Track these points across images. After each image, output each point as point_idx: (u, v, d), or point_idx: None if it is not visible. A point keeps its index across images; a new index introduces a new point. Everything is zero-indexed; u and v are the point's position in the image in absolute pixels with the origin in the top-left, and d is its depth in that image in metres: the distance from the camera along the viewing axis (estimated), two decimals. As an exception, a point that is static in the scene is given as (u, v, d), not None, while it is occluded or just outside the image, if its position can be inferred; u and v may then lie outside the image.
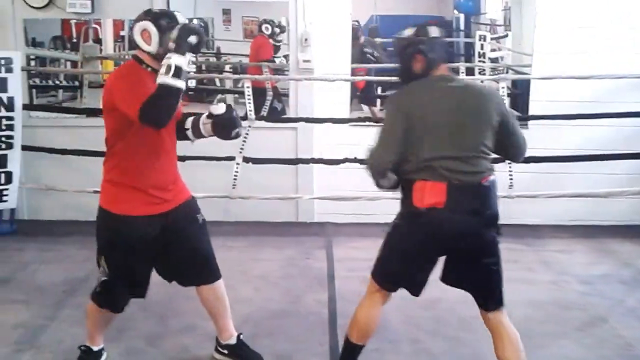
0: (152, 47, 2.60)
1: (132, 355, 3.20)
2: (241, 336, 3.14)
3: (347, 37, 5.33)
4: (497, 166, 4.55)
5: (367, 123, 5.03)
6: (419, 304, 3.77)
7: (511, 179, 4.71)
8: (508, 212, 5.04)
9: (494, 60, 7.26)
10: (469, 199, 2.56)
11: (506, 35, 7.44)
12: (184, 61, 2.42)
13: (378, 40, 8.18)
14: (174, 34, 2.47)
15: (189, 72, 2.51)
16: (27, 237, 4.95)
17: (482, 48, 7.17)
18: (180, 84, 2.42)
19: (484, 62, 7.12)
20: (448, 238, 2.61)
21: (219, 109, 2.74)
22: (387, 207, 4.96)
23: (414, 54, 2.61)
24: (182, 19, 2.62)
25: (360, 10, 7.77)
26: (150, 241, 2.76)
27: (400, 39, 2.69)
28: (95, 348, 3.05)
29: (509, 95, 4.86)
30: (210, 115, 2.76)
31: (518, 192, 4.76)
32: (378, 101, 7.63)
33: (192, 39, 2.47)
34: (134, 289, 2.89)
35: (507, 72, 6.73)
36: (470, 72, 7.06)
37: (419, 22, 2.76)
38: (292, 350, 3.27)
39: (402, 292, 3.90)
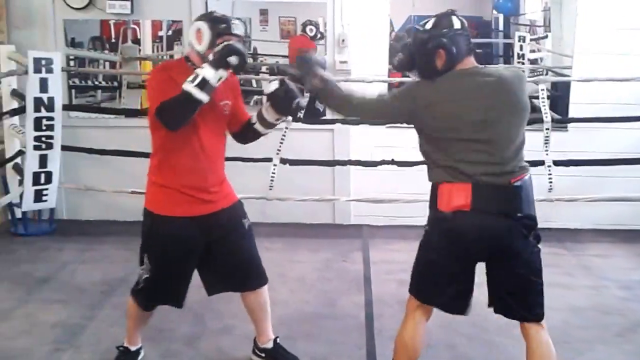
0: (202, 47, 2.63)
1: (170, 356, 3.23)
2: (277, 339, 3.15)
3: (385, 38, 5.32)
4: (536, 169, 4.59)
5: (404, 125, 4.99)
6: (457, 309, 3.77)
7: (551, 182, 4.64)
8: (547, 215, 5.06)
9: (533, 61, 7.16)
10: (497, 201, 2.41)
11: (546, 36, 7.34)
12: (214, 75, 2.47)
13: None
14: (218, 47, 2.51)
15: (213, 87, 2.51)
16: (66, 236, 5.03)
17: (521, 49, 7.09)
18: (201, 95, 2.46)
19: (523, 63, 7.03)
20: (476, 244, 2.47)
21: (272, 86, 2.72)
22: (424, 209, 4.98)
23: (436, 49, 2.43)
24: (237, 30, 2.66)
25: (398, 11, 7.73)
26: (191, 243, 2.77)
27: (420, 32, 2.51)
28: (132, 348, 3.09)
29: (548, 97, 4.78)
30: (268, 97, 2.78)
31: (558, 195, 4.69)
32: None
33: (232, 59, 2.48)
34: (170, 294, 2.90)
35: (546, 74, 6.63)
36: (509, 73, 6.98)
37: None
38: (328, 353, 3.28)
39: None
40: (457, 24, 2.48)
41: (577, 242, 4.94)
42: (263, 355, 3.14)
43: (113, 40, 6.67)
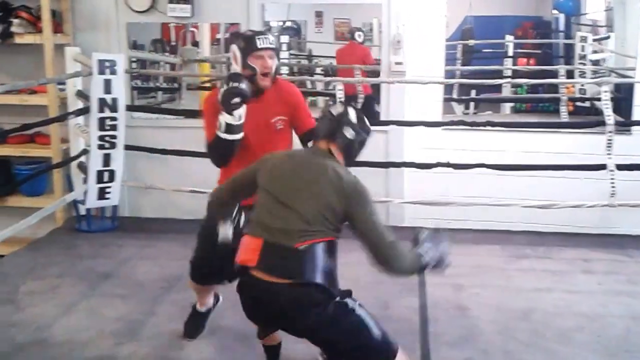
0: (238, 68, 2.87)
1: (225, 351, 3.29)
2: None
3: (441, 39, 5.27)
4: (598, 173, 4.46)
5: (460, 127, 4.94)
6: (514, 315, 3.71)
7: (613, 187, 4.49)
8: (610, 221, 4.92)
9: (595, 62, 6.96)
10: (280, 262, 2.31)
11: (608, 37, 7.12)
12: (231, 119, 2.76)
13: (472, 41, 8.02)
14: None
15: (240, 125, 2.80)
16: (127, 233, 5.15)
17: (583, 50, 6.90)
18: (233, 137, 2.78)
19: (584, 64, 6.84)
20: (256, 305, 2.40)
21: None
22: (479, 213, 4.93)
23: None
24: (264, 43, 2.86)
25: (455, 11, 7.64)
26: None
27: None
28: (202, 309, 3.42)
29: (611, 99, 4.64)
30: None
31: (620, 200, 4.54)
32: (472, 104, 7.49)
33: (236, 101, 2.75)
34: (210, 273, 3.16)
35: (609, 75, 6.44)
36: (570, 74, 6.81)
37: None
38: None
39: (498, 301, 3.86)
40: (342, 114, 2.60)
41: (640, 248, 4.77)
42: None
43: (173, 43, 6.82)
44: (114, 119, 4.77)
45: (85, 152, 5.09)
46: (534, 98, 7.34)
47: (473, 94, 7.50)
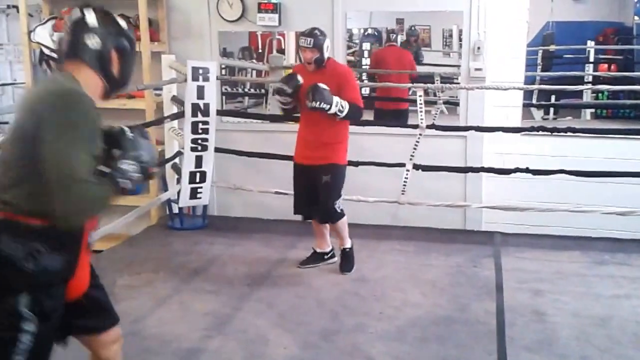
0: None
1: (308, 348, 3.36)
2: None
3: (522, 45, 5.18)
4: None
5: (540, 132, 4.84)
6: (592, 321, 3.63)
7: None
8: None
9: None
10: None
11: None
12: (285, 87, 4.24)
13: (552, 47, 7.80)
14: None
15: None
16: (217, 231, 5.30)
17: (665, 56, 6.58)
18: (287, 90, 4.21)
19: (667, 70, 6.53)
20: None
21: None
22: (559, 218, 4.82)
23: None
24: (303, 43, 4.18)
25: (536, 17, 7.45)
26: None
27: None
28: (318, 249, 4.52)
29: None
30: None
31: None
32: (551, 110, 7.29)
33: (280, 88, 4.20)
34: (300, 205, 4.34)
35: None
36: (654, 81, 6.52)
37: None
38: (459, 357, 3.27)
39: (576, 307, 3.77)
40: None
41: None
42: None
43: (260, 51, 6.99)
44: (205, 123, 4.90)
45: (179, 154, 5.29)
46: (614, 104, 7.06)
47: (553, 99, 7.30)
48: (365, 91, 6.24)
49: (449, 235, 5.12)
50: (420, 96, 4.83)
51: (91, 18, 1.97)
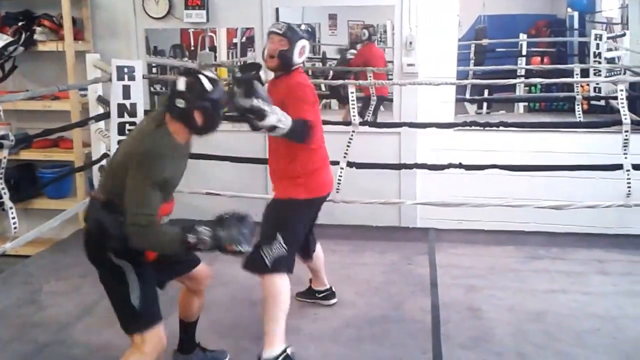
0: None
1: (239, 353, 3.24)
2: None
3: (454, 39, 5.16)
4: (614, 173, 4.32)
5: (472, 128, 4.84)
6: (527, 316, 3.62)
7: (629, 187, 4.35)
8: (625, 221, 4.78)
9: (610, 60, 6.81)
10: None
11: (624, 34, 6.97)
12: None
13: (485, 41, 7.90)
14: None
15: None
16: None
17: (597, 48, 6.75)
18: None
19: (599, 62, 6.69)
20: None
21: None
22: (493, 213, 4.82)
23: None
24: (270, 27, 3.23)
25: (468, 11, 7.53)
26: None
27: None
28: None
29: (627, 98, 4.49)
30: None
31: (637, 200, 4.39)
32: (484, 104, 7.38)
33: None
34: None
35: (624, 73, 6.28)
36: (584, 73, 6.65)
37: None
38: (394, 357, 3.21)
39: (511, 303, 3.77)
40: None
41: (657, 249, 4.62)
42: None
43: (192, 48, 6.81)
44: (133, 123, 4.72)
45: (106, 155, 5.09)
46: (548, 97, 7.20)
47: (486, 93, 7.39)
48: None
49: (384, 233, 5.06)
50: (352, 93, 4.74)
51: (181, 84, 2.49)
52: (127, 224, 2.39)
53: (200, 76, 2.49)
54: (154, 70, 6.05)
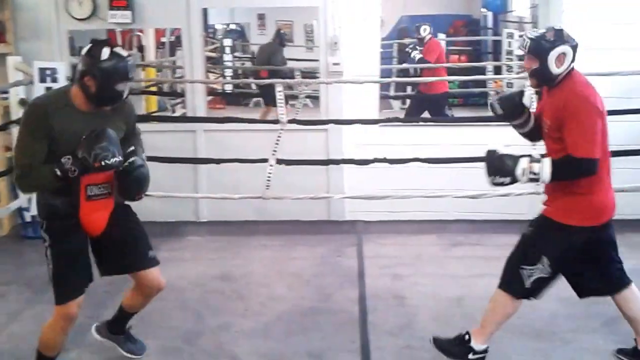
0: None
1: (169, 352, 3.18)
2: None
3: (376, 39, 5.22)
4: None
5: (395, 123, 4.92)
6: (449, 301, 3.71)
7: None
8: (536, 207, 4.91)
9: (521, 57, 7.04)
10: None
11: (534, 33, 7.21)
12: None
13: (407, 40, 8.04)
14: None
15: None
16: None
17: (509, 46, 6.99)
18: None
19: (511, 59, 6.93)
20: None
21: None
22: (416, 204, 4.93)
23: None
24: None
25: (390, 11, 7.64)
26: None
27: None
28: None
29: (536, 92, 4.66)
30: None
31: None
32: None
33: None
34: None
35: (534, 69, 6.52)
36: (497, 70, 6.88)
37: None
38: (324, 348, 3.22)
39: (434, 289, 3.86)
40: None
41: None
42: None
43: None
44: (56, 126, 4.57)
45: (29, 159, 4.87)
46: (464, 93, 7.40)
47: (409, 90, 7.52)
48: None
49: (314, 227, 5.08)
50: (279, 91, 4.73)
51: (84, 50, 2.52)
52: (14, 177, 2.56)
53: (105, 47, 2.48)
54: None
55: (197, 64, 5.10)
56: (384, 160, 4.64)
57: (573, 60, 2.76)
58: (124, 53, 2.52)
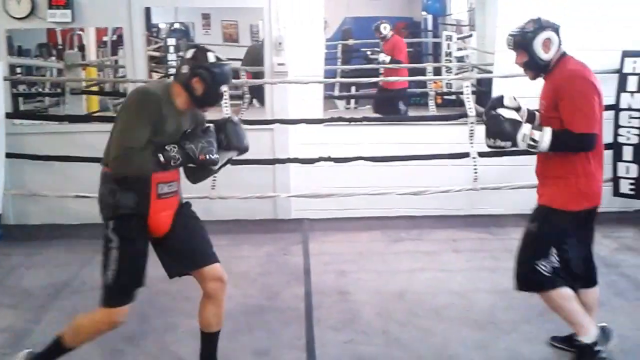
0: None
1: (113, 355, 3.11)
2: None
3: (320, 40, 5.24)
4: (463, 161, 4.61)
5: (339, 123, 4.95)
6: (391, 296, 3.76)
7: (476, 172, 4.66)
8: (474, 203, 5.11)
9: (460, 59, 7.22)
10: None
11: (471, 35, 7.40)
12: None
13: (351, 41, 8.11)
14: None
15: None
16: (14, 241, 4.77)
17: (448, 47, 7.13)
18: None
19: (450, 61, 7.08)
20: None
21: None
22: (360, 202, 4.98)
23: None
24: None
25: (334, 13, 7.68)
26: None
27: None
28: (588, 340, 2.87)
29: (473, 92, 4.80)
30: None
31: (483, 184, 4.72)
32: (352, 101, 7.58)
33: None
34: None
35: (472, 71, 6.69)
36: (437, 71, 7.02)
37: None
38: (270, 346, 3.21)
39: (377, 284, 3.91)
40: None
41: (501, 227, 4.95)
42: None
43: (60, 47, 6.41)
44: (-7, 126, 4.42)
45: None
46: (406, 93, 7.51)
47: (353, 90, 7.59)
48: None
49: (261, 226, 5.07)
50: (225, 91, 4.67)
51: (189, 53, 2.59)
52: (111, 156, 2.46)
53: (208, 52, 2.57)
54: (18, 70, 5.62)
55: (139, 64, 4.99)
56: (329, 159, 4.69)
57: (560, 43, 2.77)
58: (224, 58, 2.61)
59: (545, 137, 2.63)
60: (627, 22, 4.98)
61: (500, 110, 2.75)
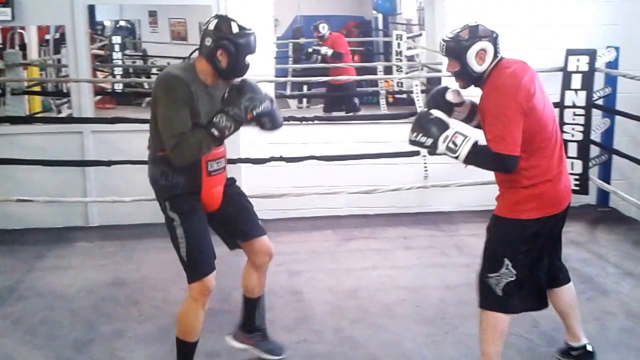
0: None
1: (61, 363, 3.04)
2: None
3: (270, 39, 5.24)
4: (414, 159, 4.68)
5: (291, 122, 4.95)
6: (344, 294, 3.79)
7: (426, 170, 4.75)
8: (424, 201, 5.19)
9: (410, 58, 7.32)
10: None
11: (421, 34, 7.51)
12: None
13: (302, 40, 8.12)
14: None
15: None
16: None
17: (399, 47, 7.23)
18: None
19: (401, 60, 7.17)
20: None
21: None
22: (312, 201, 5.00)
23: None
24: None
25: (285, 11, 7.69)
26: None
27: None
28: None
29: (422, 91, 4.88)
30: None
31: (432, 182, 4.81)
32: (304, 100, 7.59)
33: None
34: None
35: (422, 70, 6.79)
36: (388, 70, 7.10)
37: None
38: (221, 348, 3.19)
39: (329, 283, 3.93)
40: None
41: (451, 223, 5.06)
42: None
43: (0, 46, 6.21)
44: None
45: None
46: (358, 92, 7.58)
47: (305, 89, 7.61)
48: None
49: (211, 227, 5.02)
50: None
51: (212, 24, 2.58)
52: (167, 150, 2.48)
53: (232, 22, 2.57)
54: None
55: (82, 62, 4.87)
56: (280, 158, 4.69)
57: (497, 53, 2.61)
58: (247, 26, 2.61)
59: (465, 146, 2.49)
60: (571, 20, 5.16)
61: (433, 110, 2.63)
